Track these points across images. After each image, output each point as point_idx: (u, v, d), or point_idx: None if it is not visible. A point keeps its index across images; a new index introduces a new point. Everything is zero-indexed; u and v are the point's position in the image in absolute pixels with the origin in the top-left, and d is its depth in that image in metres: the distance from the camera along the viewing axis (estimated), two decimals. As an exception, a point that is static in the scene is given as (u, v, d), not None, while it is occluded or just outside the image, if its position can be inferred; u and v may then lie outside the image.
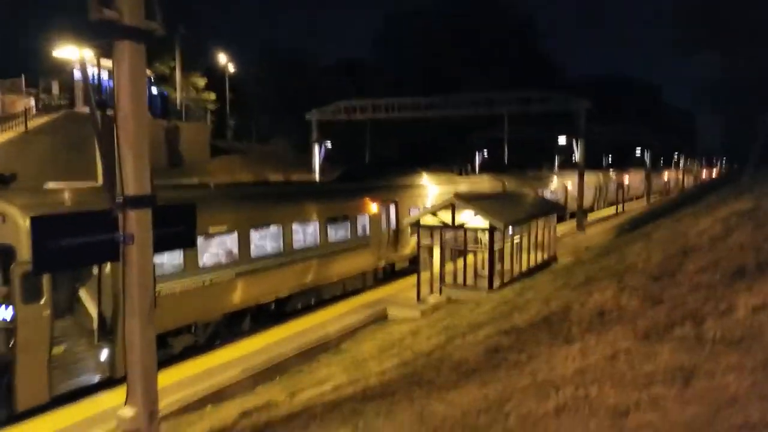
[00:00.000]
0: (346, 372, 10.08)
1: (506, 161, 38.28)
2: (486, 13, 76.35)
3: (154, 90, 36.83)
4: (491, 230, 18.17)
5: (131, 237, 6.69)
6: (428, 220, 19.25)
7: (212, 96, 49.34)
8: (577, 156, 37.14)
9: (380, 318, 17.85)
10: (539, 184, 39.36)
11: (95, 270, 12.44)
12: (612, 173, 58.59)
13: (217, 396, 11.63)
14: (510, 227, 19.22)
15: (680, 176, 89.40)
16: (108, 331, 12.37)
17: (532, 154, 65.02)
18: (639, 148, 70.64)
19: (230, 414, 8.91)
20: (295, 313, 18.44)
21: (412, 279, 23.09)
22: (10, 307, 10.71)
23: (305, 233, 19.17)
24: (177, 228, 7.38)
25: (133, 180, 6.74)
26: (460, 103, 38.18)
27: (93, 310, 12.44)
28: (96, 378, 12.34)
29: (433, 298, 19.01)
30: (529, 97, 36.17)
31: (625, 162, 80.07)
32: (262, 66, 57.14)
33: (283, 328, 16.79)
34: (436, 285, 19.64)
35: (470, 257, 20.63)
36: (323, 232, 19.54)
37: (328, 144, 45.32)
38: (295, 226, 18.50)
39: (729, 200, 13.58)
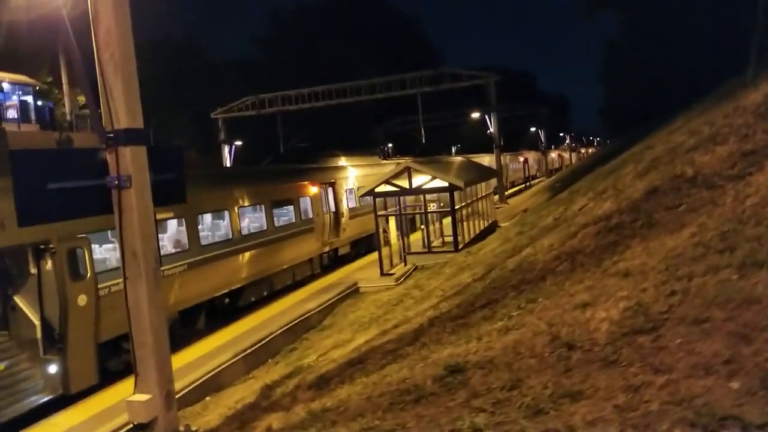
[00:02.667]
0: (366, 332, 8.90)
1: (424, 142, 38.32)
2: (369, 8, 76.99)
3: (40, 102, 33.36)
4: (451, 191, 17.64)
5: (128, 179, 5.30)
6: (383, 188, 18.37)
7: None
8: (492, 129, 37.85)
9: (351, 294, 16.66)
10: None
11: (33, 269, 10.36)
12: (508, 155, 61.10)
13: (207, 387, 10.06)
14: (467, 187, 18.83)
15: (566, 155, 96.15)
16: (56, 339, 10.35)
17: (440, 140, 65.99)
18: (533, 128, 74.54)
19: (245, 394, 7.53)
20: (250, 307, 16.88)
21: (357, 263, 22.30)
22: None
23: (253, 218, 17.78)
24: (168, 175, 6.03)
25: (125, 110, 5.36)
26: (374, 86, 37.59)
27: (34, 317, 10.32)
28: (45, 398, 10.31)
29: (397, 270, 18.12)
30: (441, 74, 36.28)
31: (516, 143, 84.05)
32: (151, 57, 52.34)
33: (246, 321, 15.22)
34: (395, 258, 18.80)
35: (419, 234, 20.14)
36: (269, 216, 18.17)
37: (238, 143, 42.94)
38: (242, 211, 17.03)
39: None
